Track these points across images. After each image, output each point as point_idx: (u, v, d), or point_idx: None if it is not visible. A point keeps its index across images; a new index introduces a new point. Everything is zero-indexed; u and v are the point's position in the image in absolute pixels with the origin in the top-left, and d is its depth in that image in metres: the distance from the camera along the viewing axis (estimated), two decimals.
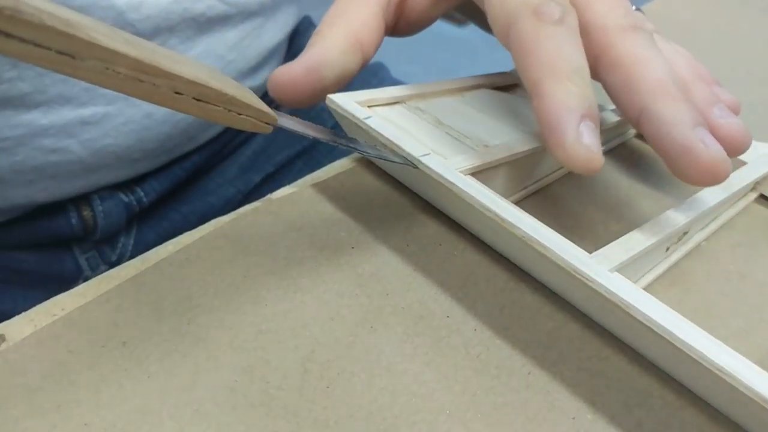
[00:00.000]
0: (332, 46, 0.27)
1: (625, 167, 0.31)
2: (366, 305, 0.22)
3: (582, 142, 0.20)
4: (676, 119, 0.22)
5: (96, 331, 0.21)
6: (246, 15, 0.40)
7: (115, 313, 0.21)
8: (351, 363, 0.21)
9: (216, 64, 0.39)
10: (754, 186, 0.29)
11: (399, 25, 0.31)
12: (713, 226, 0.28)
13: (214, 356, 0.20)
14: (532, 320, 0.22)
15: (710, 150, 0.21)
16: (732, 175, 0.28)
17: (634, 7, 0.30)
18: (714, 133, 0.23)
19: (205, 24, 0.37)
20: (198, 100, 0.18)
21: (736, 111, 0.28)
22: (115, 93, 0.34)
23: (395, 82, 0.51)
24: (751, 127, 0.34)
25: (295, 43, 0.50)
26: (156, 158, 0.40)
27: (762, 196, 0.29)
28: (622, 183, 0.30)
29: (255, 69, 0.43)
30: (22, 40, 0.14)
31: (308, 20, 0.54)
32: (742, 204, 0.29)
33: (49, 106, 0.33)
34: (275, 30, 0.44)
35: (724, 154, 0.22)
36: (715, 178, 0.22)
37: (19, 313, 0.21)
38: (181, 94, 0.17)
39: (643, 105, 0.23)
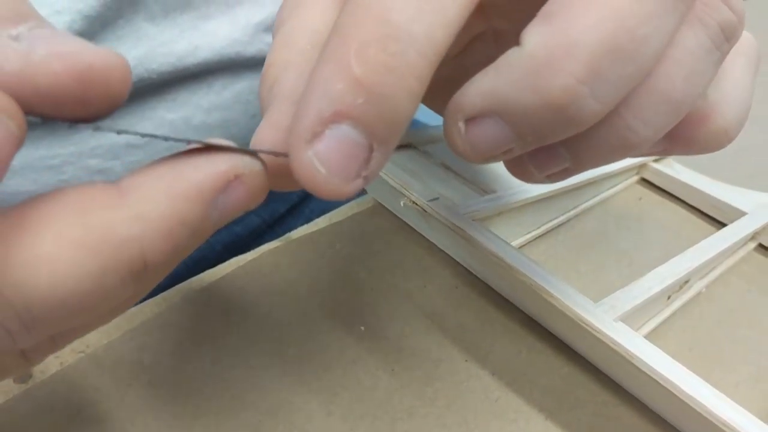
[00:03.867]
0: None
1: (633, 213, 0.32)
2: (386, 348, 0.23)
3: (308, 154, 0.13)
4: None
5: (122, 369, 0.21)
6: None
7: (140, 352, 0.21)
8: (373, 406, 0.21)
9: (256, 101, 0.41)
10: (754, 236, 0.30)
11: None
12: (713, 275, 0.29)
13: (238, 396, 0.21)
14: (548, 364, 0.23)
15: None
16: (732, 225, 0.29)
17: None
18: None
19: (255, 65, 0.40)
20: None
21: None
22: (161, 118, 0.36)
23: (412, 121, 0.53)
24: (751, 174, 0.35)
25: None
26: None
27: (761, 245, 0.30)
28: (632, 227, 0.30)
29: None
30: None
31: None
32: (741, 253, 0.30)
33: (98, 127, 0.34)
34: None
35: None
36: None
37: None
38: None
39: None
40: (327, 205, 0.47)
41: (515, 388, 0.22)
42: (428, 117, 0.55)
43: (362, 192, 0.30)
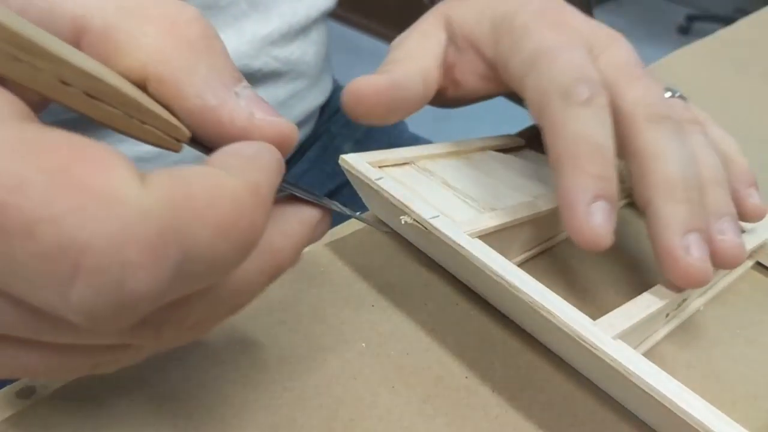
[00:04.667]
0: (412, 71, 0.29)
1: (633, 230, 0.32)
2: (387, 364, 0.23)
3: (590, 223, 0.21)
4: (670, 221, 0.23)
5: (124, 384, 0.21)
6: (296, 75, 0.44)
7: (142, 368, 0.22)
8: (374, 423, 0.21)
9: None
10: (751, 254, 0.30)
11: (448, 92, 0.33)
12: (710, 294, 0.29)
13: (240, 413, 0.21)
14: (547, 381, 0.23)
15: (689, 258, 0.23)
16: None
17: (677, 93, 0.30)
18: (709, 244, 0.24)
19: (261, 78, 0.40)
20: (90, 96, 0.15)
21: (757, 216, 0.29)
22: None
23: (412, 137, 0.54)
24: None
25: (325, 110, 0.53)
26: None
27: (758, 263, 0.31)
28: (630, 245, 0.31)
29: (298, 126, 0.45)
30: None
31: (339, 89, 0.57)
32: (739, 271, 0.30)
33: (109, 142, 0.35)
34: (317, 93, 0.48)
35: (706, 263, 0.23)
36: (690, 282, 0.23)
37: None
38: (69, 84, 0.14)
39: (648, 199, 0.24)
40: None
41: (515, 405, 0.22)
42: (430, 134, 0.55)
43: (364, 209, 0.30)
